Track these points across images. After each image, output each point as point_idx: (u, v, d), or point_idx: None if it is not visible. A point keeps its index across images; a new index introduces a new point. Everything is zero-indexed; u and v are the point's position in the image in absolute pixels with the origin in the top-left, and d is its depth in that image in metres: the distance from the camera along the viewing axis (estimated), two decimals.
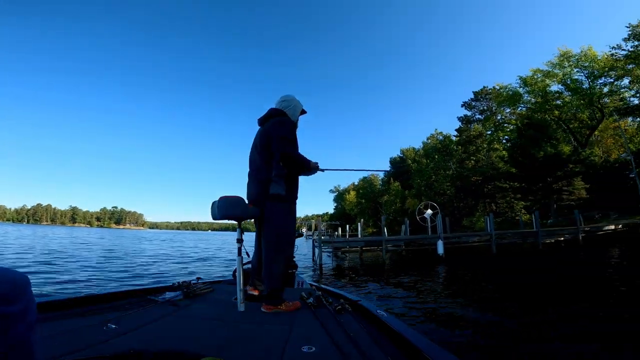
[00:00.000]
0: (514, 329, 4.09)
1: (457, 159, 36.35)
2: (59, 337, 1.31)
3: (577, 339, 3.62)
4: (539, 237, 15.59)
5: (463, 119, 42.92)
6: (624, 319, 4.23)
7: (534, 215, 16.59)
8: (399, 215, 41.50)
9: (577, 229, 16.22)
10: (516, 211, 31.14)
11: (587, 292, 6.19)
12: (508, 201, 32.53)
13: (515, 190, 29.86)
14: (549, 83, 25.14)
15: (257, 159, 2.19)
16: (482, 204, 33.30)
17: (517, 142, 25.16)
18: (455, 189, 34.89)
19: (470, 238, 16.30)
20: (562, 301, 5.52)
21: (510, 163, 26.87)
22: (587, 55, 22.74)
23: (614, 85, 22.60)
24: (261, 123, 2.29)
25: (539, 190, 27.88)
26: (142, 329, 1.50)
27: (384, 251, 14.47)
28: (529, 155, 23.83)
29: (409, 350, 1.16)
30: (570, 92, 24.26)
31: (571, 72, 23.85)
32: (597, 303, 5.17)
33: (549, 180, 25.24)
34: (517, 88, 27.41)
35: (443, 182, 35.48)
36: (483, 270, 10.18)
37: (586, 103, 23.46)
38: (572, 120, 26.86)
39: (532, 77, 25.83)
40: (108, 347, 1.23)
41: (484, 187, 32.28)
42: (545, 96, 25.49)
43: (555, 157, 23.06)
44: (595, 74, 22.54)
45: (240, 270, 1.97)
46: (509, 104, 28.77)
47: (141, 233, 77.84)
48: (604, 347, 3.37)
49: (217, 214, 2.02)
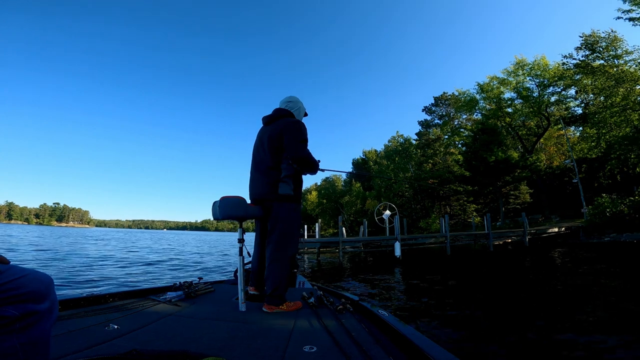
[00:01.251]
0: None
1: (416, 161, 37.18)
2: (61, 337, 1.30)
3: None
4: (490, 239, 15.84)
5: (423, 123, 44.24)
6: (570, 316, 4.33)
7: (485, 217, 16.87)
8: (360, 216, 41.57)
9: (524, 231, 16.78)
10: (468, 214, 32.50)
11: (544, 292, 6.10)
12: (461, 204, 33.88)
13: (468, 193, 31.13)
14: (503, 90, 26.35)
15: (266, 158, 2.15)
16: (438, 206, 34.33)
17: (472, 146, 26.02)
18: (413, 191, 35.59)
19: (427, 239, 16.12)
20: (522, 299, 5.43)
21: (465, 167, 27.80)
22: (540, 65, 24.09)
23: (561, 95, 24.21)
24: (268, 122, 2.26)
25: (489, 194, 29.31)
26: (144, 329, 1.50)
27: (340, 252, 13.70)
28: (482, 159, 24.75)
29: (410, 350, 1.17)
30: (521, 100, 25.61)
31: (524, 80, 25.15)
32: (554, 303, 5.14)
33: (499, 185, 26.53)
34: (474, 94, 28.45)
35: (402, 183, 36.07)
36: (441, 272, 9.70)
37: (535, 111, 24.88)
38: (521, 127, 28.50)
39: (488, 83, 26.91)
40: (110, 347, 1.23)
41: (440, 190, 33.30)
42: (499, 103, 26.70)
43: (505, 162, 24.18)
44: (545, 83, 23.92)
45: (241, 270, 1.98)
46: (466, 109, 29.81)
47: (86, 232, 70.39)
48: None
49: (219, 214, 2.00)
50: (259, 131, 2.31)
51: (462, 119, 35.84)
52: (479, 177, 26.35)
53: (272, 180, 2.09)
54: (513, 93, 25.96)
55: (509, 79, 25.59)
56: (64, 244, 19.92)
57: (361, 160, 58.52)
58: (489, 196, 30.29)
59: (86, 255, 12.82)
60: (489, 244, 15.75)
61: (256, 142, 2.29)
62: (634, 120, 15.74)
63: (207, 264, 12.00)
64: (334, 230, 50.63)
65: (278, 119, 2.21)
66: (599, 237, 16.37)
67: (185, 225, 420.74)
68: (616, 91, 16.15)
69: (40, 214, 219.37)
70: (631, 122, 15.81)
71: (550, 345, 3.13)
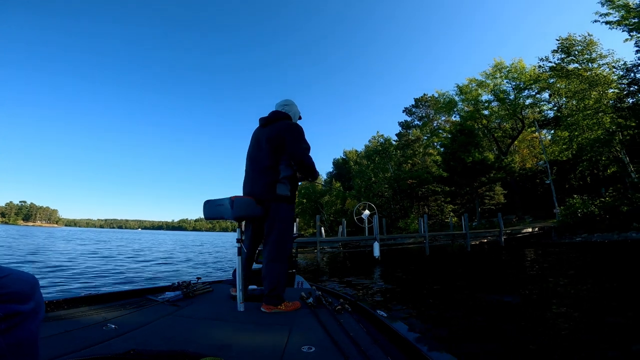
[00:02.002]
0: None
1: (396, 162, 37.35)
2: (59, 337, 1.31)
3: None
4: (468, 239, 15.78)
5: (403, 124, 44.64)
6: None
7: (463, 217, 16.85)
8: (340, 215, 41.15)
9: (500, 231, 16.90)
10: (445, 214, 32.97)
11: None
12: (439, 204, 34.29)
13: (445, 194, 31.54)
14: (481, 92, 26.80)
15: (265, 158, 2.15)
16: (416, 207, 34.58)
17: (450, 147, 26.29)
18: (392, 191, 35.67)
19: (406, 240, 15.84)
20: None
21: (443, 167, 28.06)
22: (517, 68, 24.62)
23: (535, 98, 24.89)
24: (265, 124, 2.26)
25: (466, 195, 29.81)
26: (142, 329, 1.50)
27: (318, 253, 13.14)
28: (460, 160, 25.04)
29: (409, 350, 1.17)
30: (498, 102, 26.12)
31: (501, 83, 25.67)
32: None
33: (475, 185, 26.98)
34: (453, 96, 28.78)
35: (382, 183, 36.11)
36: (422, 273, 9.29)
37: (510, 113, 25.46)
38: (497, 130, 29.15)
39: (467, 85, 27.28)
40: (108, 347, 1.23)
41: (419, 190, 33.58)
42: (477, 105, 27.13)
43: (481, 163, 24.56)
44: (521, 86, 24.51)
45: (240, 270, 1.98)
46: (445, 110, 30.13)
47: (55, 231, 65.71)
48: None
49: (232, 214, 1.95)
50: (254, 132, 2.32)
51: (441, 121, 36.36)
52: (456, 177, 26.66)
53: (270, 180, 2.11)
54: (490, 95, 26.47)
55: (487, 82, 26.04)
56: (28, 244, 18.07)
57: (342, 160, 58.32)
58: (466, 197, 30.79)
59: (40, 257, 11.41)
60: (467, 244, 15.69)
61: (253, 142, 2.30)
62: (605, 123, 16.23)
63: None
64: (314, 230, 50.03)
65: (276, 121, 2.22)
66: (570, 237, 16.75)
67: (162, 224, 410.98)
68: (589, 94, 16.62)
69: (5, 213, 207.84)
70: (603, 125, 16.30)
71: (532, 344, 3.20)
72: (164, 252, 17.18)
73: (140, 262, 11.54)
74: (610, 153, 16.61)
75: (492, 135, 28.77)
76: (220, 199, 2.05)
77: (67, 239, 29.28)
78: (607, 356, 2.82)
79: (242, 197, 1.99)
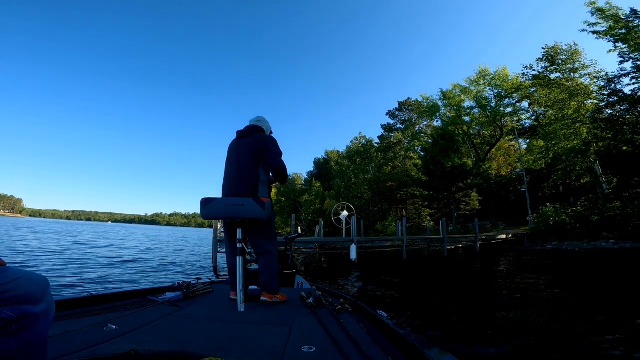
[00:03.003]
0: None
1: (377, 164, 37.35)
2: (60, 338, 1.30)
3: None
4: (445, 243, 15.64)
5: (386, 126, 44.71)
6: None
7: (441, 222, 16.73)
8: (318, 215, 40.58)
9: (476, 237, 16.94)
10: (423, 218, 33.25)
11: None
12: (417, 208, 34.58)
13: (423, 198, 31.80)
14: (464, 99, 27.11)
15: (247, 165, 2.39)
16: (395, 210, 34.68)
17: (431, 151, 26.43)
18: (371, 193, 35.60)
19: (383, 242, 15.43)
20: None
21: (423, 171, 28.16)
22: (500, 75, 25.02)
23: (515, 107, 25.44)
24: (241, 135, 2.54)
25: (443, 199, 30.15)
26: (142, 329, 1.50)
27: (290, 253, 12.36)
28: (439, 164, 25.20)
29: (409, 350, 1.17)
30: (479, 109, 26.49)
31: (484, 90, 26.04)
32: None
33: (453, 190, 27.30)
34: (437, 100, 28.98)
35: (362, 185, 35.94)
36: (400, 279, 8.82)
37: (490, 121, 25.90)
38: (477, 136, 29.65)
39: (451, 91, 27.51)
40: (108, 347, 1.24)
41: (398, 193, 33.69)
42: (459, 111, 27.43)
43: (460, 168, 24.82)
44: (502, 94, 24.94)
45: (240, 270, 2.00)
46: (428, 115, 30.29)
47: (18, 222, 60.96)
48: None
49: (263, 215, 2.07)
50: (233, 142, 2.56)
51: (423, 125, 36.70)
52: (435, 181, 26.84)
53: (252, 183, 2.36)
54: (473, 102, 26.81)
55: (470, 88, 26.34)
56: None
57: (323, 160, 57.85)
58: (443, 201, 31.17)
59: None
60: (444, 249, 15.54)
61: (233, 151, 2.52)
62: (582, 134, 16.63)
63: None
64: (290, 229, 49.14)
65: (254, 133, 2.52)
66: (542, 245, 17.07)
67: (134, 218, 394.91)
68: (569, 104, 16.98)
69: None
70: (580, 135, 16.70)
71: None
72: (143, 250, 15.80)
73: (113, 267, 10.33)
74: (584, 163, 17.07)
75: (471, 141, 29.21)
76: (236, 198, 2.12)
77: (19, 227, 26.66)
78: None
79: (266, 199, 2.12)
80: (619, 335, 3.57)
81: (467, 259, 14.87)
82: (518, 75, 23.50)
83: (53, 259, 9.60)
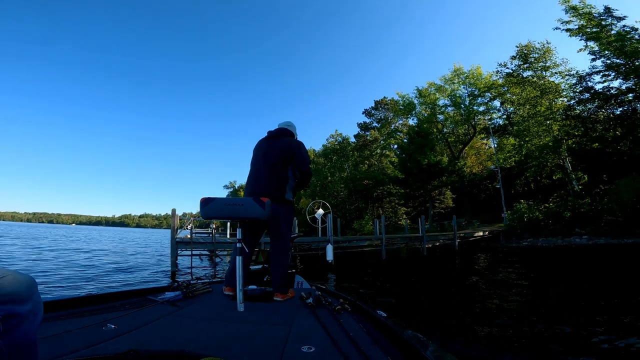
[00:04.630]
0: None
1: (353, 162, 36.98)
2: (58, 337, 1.29)
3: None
4: (424, 242, 15.14)
5: (362, 125, 44.50)
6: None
7: (420, 219, 16.28)
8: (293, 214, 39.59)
9: (455, 234, 16.66)
10: (399, 216, 33.24)
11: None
12: (393, 206, 34.55)
13: (400, 196, 31.75)
14: (439, 97, 27.23)
15: (278, 166, 2.43)
16: (371, 208, 34.40)
17: (407, 148, 26.28)
18: (348, 191, 35.12)
19: (361, 242, 14.63)
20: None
21: (399, 168, 27.97)
22: (474, 74, 25.31)
23: (488, 105, 25.85)
24: (272, 136, 2.59)
25: (419, 197, 30.23)
26: (142, 329, 1.48)
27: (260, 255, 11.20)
28: (416, 161, 25.08)
29: (409, 351, 1.17)
30: (454, 108, 26.70)
31: (458, 88, 26.28)
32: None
33: (429, 188, 27.36)
34: (413, 98, 28.93)
35: (338, 183, 35.33)
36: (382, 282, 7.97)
37: (464, 119, 26.16)
38: (451, 135, 29.98)
39: (426, 89, 27.56)
40: (107, 347, 1.23)
41: (374, 191, 33.43)
42: (434, 109, 27.52)
43: (436, 165, 24.84)
44: (475, 93, 25.25)
45: (239, 270, 1.99)
46: (404, 112, 30.24)
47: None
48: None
49: (263, 214, 2.03)
50: (262, 142, 2.58)
51: (399, 124, 36.76)
52: (411, 179, 26.74)
53: (281, 184, 2.40)
54: (447, 100, 27.00)
55: (445, 86, 26.52)
56: None
57: None
58: (419, 199, 31.28)
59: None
60: (423, 247, 15.04)
61: (262, 151, 2.52)
62: (554, 131, 16.89)
63: None
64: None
65: (285, 136, 2.57)
66: (517, 242, 17.15)
67: (100, 220, 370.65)
68: (541, 101, 17.23)
69: None
70: (552, 132, 16.95)
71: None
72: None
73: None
74: (555, 160, 17.38)
75: (445, 140, 29.48)
76: (236, 198, 2.09)
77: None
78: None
79: (265, 199, 2.06)
80: (600, 328, 3.77)
81: (446, 257, 14.47)
82: (491, 74, 23.90)
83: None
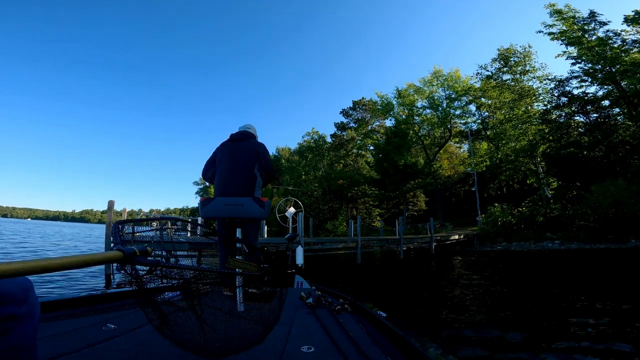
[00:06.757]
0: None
1: (328, 161, 36.14)
2: (58, 337, 1.30)
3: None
4: (400, 244, 14.42)
5: (339, 125, 43.87)
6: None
7: (397, 221, 15.61)
8: None
9: (431, 237, 16.16)
10: (373, 217, 32.80)
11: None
12: (367, 207, 34.10)
13: (375, 197, 31.33)
14: (417, 99, 27.10)
15: (245, 167, 2.54)
16: (345, 208, 33.71)
17: (384, 148, 25.83)
18: (322, 191, 34.20)
19: (335, 244, 13.56)
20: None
21: (375, 168, 27.49)
22: (453, 77, 25.37)
23: (464, 109, 26.06)
24: (238, 138, 2.70)
25: (395, 198, 29.97)
26: (142, 329, 1.50)
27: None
28: (392, 161, 24.69)
29: (408, 350, 1.17)
30: (431, 110, 26.68)
31: (436, 91, 26.31)
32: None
33: (404, 189, 27.13)
34: (392, 99, 28.64)
35: (312, 182, 34.29)
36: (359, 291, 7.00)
37: (441, 122, 26.18)
38: (427, 137, 30.04)
39: (405, 90, 27.30)
40: (107, 347, 1.23)
41: (349, 192, 32.80)
42: (412, 110, 27.36)
43: (413, 166, 24.60)
44: (453, 96, 25.32)
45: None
46: (382, 113, 29.88)
47: None
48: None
49: (264, 214, 2.07)
50: (226, 144, 2.67)
51: (376, 125, 36.48)
52: (387, 179, 26.31)
53: (250, 184, 2.49)
54: (425, 102, 26.96)
55: (424, 88, 26.43)
56: None
57: (273, 157, 55.22)
58: (392, 201, 31.03)
59: None
60: (400, 251, 14.30)
61: (228, 153, 2.60)
62: (530, 135, 17.00)
63: None
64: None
65: (249, 138, 2.70)
66: (491, 246, 16.99)
67: (58, 215, 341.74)
68: (519, 104, 17.31)
69: None
70: (528, 136, 17.04)
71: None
72: None
73: None
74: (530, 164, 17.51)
75: (421, 142, 29.45)
76: (236, 198, 2.10)
77: None
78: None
79: (265, 199, 2.11)
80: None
81: (423, 261, 13.81)
82: (469, 78, 24.07)
83: None
